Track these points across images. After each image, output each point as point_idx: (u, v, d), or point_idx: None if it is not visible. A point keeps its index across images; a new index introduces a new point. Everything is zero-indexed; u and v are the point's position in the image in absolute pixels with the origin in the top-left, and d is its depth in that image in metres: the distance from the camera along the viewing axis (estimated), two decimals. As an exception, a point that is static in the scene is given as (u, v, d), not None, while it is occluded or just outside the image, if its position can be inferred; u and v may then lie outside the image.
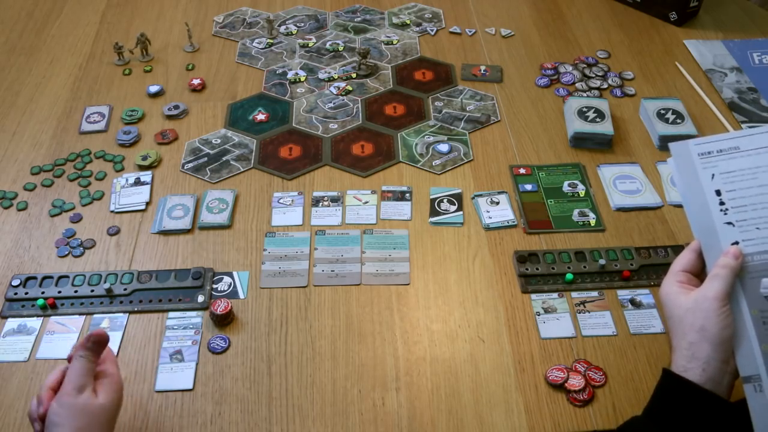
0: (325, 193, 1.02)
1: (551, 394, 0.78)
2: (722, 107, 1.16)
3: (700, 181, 0.70)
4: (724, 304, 0.65)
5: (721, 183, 0.69)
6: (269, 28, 1.32)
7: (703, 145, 0.71)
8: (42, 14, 1.40)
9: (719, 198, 0.69)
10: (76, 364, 0.68)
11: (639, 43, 1.31)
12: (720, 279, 0.66)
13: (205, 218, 0.98)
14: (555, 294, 0.88)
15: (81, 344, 0.68)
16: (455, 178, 1.04)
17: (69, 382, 0.66)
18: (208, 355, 0.83)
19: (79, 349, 0.68)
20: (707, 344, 0.65)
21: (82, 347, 0.68)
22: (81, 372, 0.67)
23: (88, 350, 0.68)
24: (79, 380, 0.66)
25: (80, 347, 0.68)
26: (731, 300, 0.66)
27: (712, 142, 0.71)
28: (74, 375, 0.67)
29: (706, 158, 0.71)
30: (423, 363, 0.81)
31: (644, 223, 0.98)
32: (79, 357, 0.68)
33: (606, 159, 1.07)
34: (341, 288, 0.90)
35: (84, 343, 0.68)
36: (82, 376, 0.67)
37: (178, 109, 1.15)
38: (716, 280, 0.66)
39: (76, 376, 0.67)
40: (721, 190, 0.69)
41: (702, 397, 0.64)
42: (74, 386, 0.66)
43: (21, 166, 1.07)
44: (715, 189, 0.69)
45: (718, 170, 0.70)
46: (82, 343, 0.68)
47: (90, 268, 0.92)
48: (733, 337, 0.65)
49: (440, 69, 1.25)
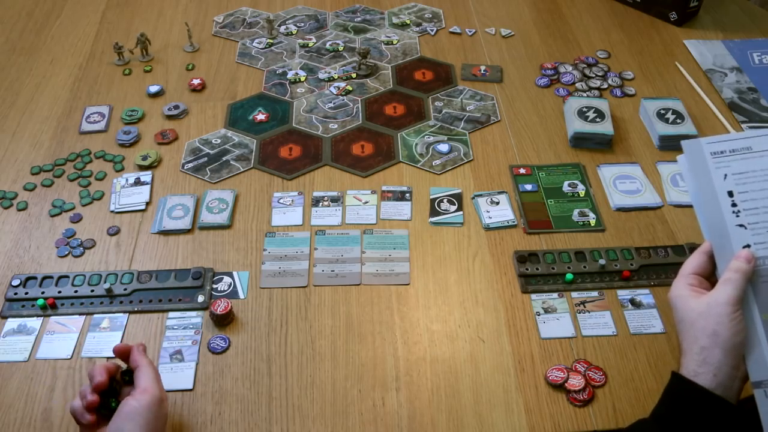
0: (325, 193, 1.02)
1: (551, 394, 0.78)
2: (722, 107, 1.16)
3: (713, 182, 0.69)
4: (737, 309, 0.64)
5: (734, 184, 0.68)
6: (269, 28, 1.32)
7: (716, 144, 0.70)
8: (42, 14, 1.40)
9: (731, 199, 0.68)
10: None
11: (639, 43, 1.31)
12: (732, 283, 0.65)
13: (205, 218, 0.98)
14: (555, 294, 0.88)
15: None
16: (455, 178, 1.04)
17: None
18: (208, 355, 0.83)
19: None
20: (719, 350, 0.64)
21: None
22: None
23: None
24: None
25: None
26: (742, 304, 0.65)
27: (725, 141, 0.70)
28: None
29: (719, 158, 0.70)
30: (423, 363, 0.81)
31: (644, 223, 0.98)
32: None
33: (606, 159, 1.07)
34: (341, 288, 0.90)
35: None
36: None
37: (178, 109, 1.15)
38: (729, 284, 0.65)
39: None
40: (733, 191, 0.68)
41: (713, 403, 0.64)
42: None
43: (21, 166, 1.07)
44: (728, 190, 0.68)
45: (730, 170, 0.69)
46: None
47: (90, 268, 0.92)
48: (744, 342, 0.64)
49: (440, 69, 1.25)
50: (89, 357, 0.82)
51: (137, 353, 0.73)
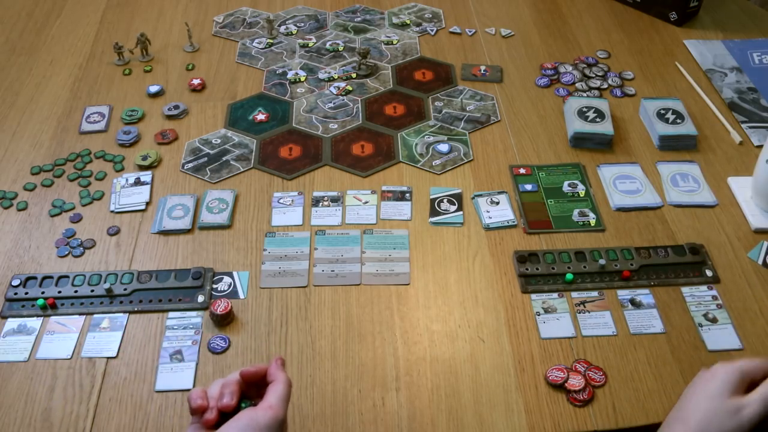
0: (325, 193, 1.02)
1: (551, 394, 0.78)
2: (722, 107, 1.16)
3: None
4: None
5: None
6: (269, 28, 1.33)
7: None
8: (42, 14, 1.40)
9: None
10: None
11: (639, 43, 1.31)
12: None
13: (205, 218, 0.98)
14: (555, 294, 0.88)
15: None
16: (455, 178, 1.04)
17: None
18: (208, 355, 0.83)
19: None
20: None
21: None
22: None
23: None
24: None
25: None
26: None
27: None
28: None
29: None
30: (423, 363, 0.81)
31: (644, 223, 0.98)
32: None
33: (606, 159, 1.07)
34: (341, 288, 0.90)
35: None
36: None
37: (178, 109, 1.16)
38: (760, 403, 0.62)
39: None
40: None
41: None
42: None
43: (21, 166, 1.07)
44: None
45: None
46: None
47: (90, 268, 0.92)
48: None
49: (440, 69, 1.25)
50: (89, 357, 0.82)
51: (276, 368, 0.66)
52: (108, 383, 0.80)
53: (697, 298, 0.88)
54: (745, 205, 0.99)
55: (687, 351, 0.82)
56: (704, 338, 0.83)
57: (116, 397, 0.79)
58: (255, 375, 0.65)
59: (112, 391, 0.79)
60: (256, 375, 0.65)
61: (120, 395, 0.79)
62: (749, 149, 1.09)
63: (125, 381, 0.80)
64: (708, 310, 0.86)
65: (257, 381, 0.65)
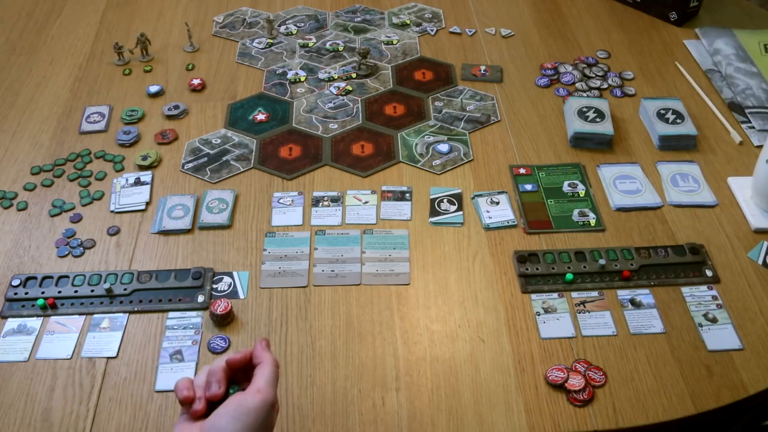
0: (325, 193, 1.02)
1: (551, 394, 0.78)
2: (722, 107, 1.16)
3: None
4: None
5: None
6: (269, 28, 1.33)
7: None
8: (42, 14, 1.40)
9: None
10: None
11: (639, 43, 1.31)
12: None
13: (205, 218, 0.98)
14: (555, 294, 0.88)
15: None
16: (455, 178, 1.04)
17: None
18: (208, 355, 0.83)
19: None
20: None
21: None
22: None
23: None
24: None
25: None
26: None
27: None
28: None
29: None
30: (423, 363, 0.81)
31: (644, 223, 0.98)
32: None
33: (606, 159, 1.07)
34: (341, 288, 0.90)
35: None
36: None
37: (178, 109, 1.16)
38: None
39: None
40: None
41: None
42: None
43: (21, 166, 1.07)
44: None
45: None
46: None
47: (90, 268, 0.92)
48: None
49: (440, 69, 1.25)
50: (89, 357, 0.82)
51: (261, 349, 0.64)
52: (108, 383, 0.80)
53: (697, 298, 0.88)
54: (745, 205, 0.99)
55: (687, 351, 0.82)
56: (704, 338, 0.83)
57: (116, 397, 0.79)
58: (241, 362, 0.64)
59: (112, 391, 0.79)
60: (242, 361, 0.64)
61: (120, 395, 0.79)
62: (749, 149, 1.09)
63: (125, 381, 0.80)
64: (708, 310, 0.86)
65: (244, 365, 0.64)
